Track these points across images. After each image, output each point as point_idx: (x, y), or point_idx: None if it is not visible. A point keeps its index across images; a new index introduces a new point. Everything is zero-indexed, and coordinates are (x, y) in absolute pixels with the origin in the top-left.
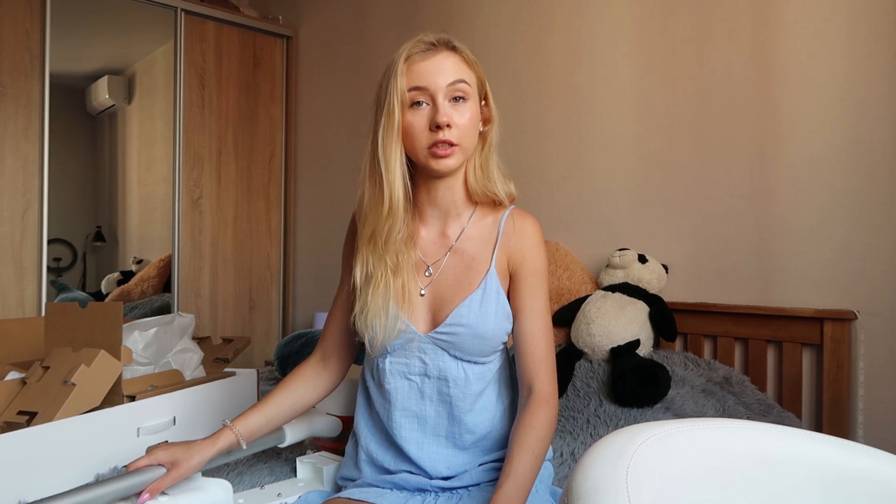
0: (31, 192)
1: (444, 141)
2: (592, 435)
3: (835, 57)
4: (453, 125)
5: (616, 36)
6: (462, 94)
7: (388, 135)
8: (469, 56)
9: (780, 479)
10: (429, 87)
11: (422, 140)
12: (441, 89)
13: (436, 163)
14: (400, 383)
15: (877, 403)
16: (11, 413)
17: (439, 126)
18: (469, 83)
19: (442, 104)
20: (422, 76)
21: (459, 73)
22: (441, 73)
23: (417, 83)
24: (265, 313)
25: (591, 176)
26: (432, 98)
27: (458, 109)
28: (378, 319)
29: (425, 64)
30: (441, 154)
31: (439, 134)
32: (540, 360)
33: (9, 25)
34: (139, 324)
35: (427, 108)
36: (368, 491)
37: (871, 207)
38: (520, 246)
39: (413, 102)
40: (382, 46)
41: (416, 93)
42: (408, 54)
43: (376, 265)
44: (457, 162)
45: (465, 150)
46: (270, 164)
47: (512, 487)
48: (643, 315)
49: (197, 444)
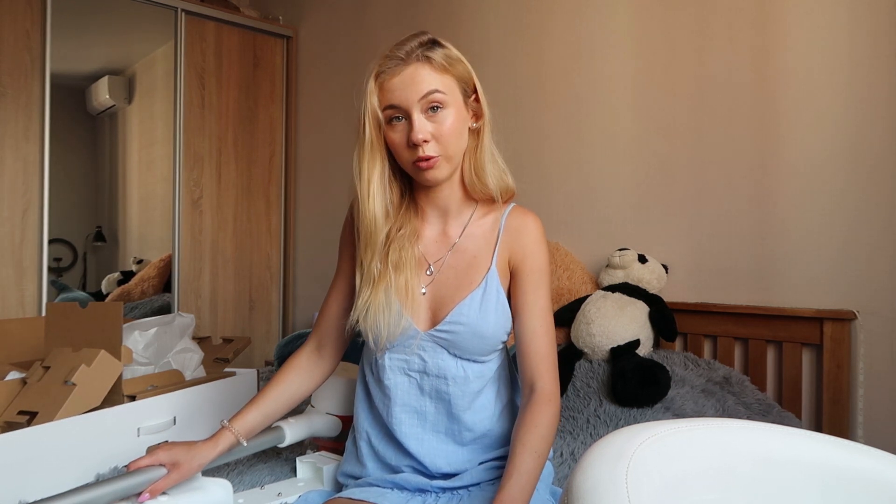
0: (32, 192)
1: (423, 157)
2: (592, 435)
3: (835, 58)
4: (431, 138)
5: (616, 36)
6: (437, 104)
7: (362, 153)
8: (445, 59)
9: (779, 479)
10: (401, 104)
11: (404, 156)
12: (413, 104)
13: (423, 175)
14: (399, 379)
15: (876, 403)
16: (12, 413)
17: (416, 144)
18: (444, 90)
19: (417, 119)
20: (393, 93)
21: (431, 84)
22: (412, 88)
23: (390, 101)
24: (265, 313)
25: (591, 176)
26: (407, 114)
27: (436, 119)
28: (381, 316)
29: (395, 81)
30: (424, 167)
31: (417, 151)
32: (542, 357)
33: (9, 25)
34: (139, 324)
35: (404, 123)
36: (369, 490)
37: (871, 207)
38: (521, 243)
39: (390, 119)
40: (382, 46)
41: (391, 110)
42: (377, 71)
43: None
44: (443, 172)
45: (451, 157)
46: (270, 164)
47: (515, 487)
48: (643, 315)
49: (198, 446)
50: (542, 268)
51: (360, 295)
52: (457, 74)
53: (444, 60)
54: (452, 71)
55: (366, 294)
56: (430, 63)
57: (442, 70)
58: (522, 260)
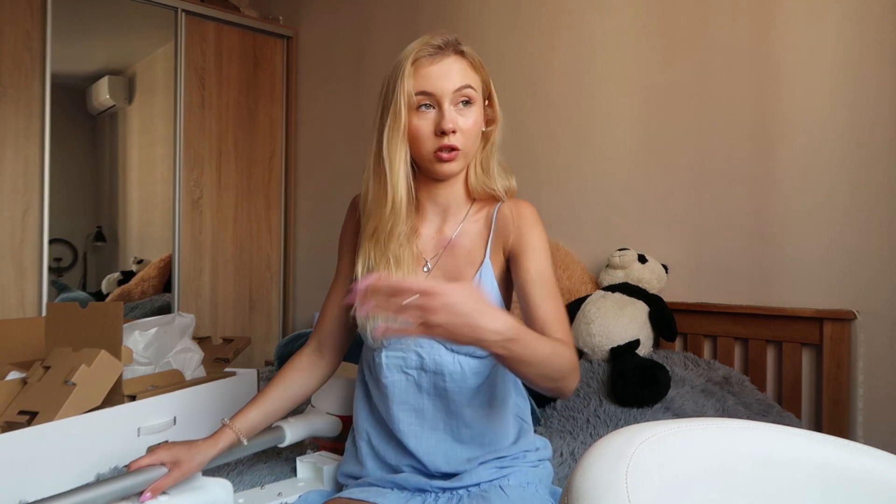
0: (32, 192)
1: (449, 146)
2: (592, 435)
3: (836, 58)
4: (458, 130)
5: (617, 36)
6: (468, 99)
7: (393, 136)
8: (475, 59)
9: (779, 479)
10: (435, 92)
11: (427, 144)
12: (448, 94)
13: (439, 167)
14: (397, 377)
15: (876, 403)
16: (12, 413)
17: (444, 132)
18: (475, 87)
19: (448, 110)
20: (429, 80)
21: (466, 79)
22: (448, 78)
23: (424, 87)
24: (265, 313)
25: (591, 176)
26: (438, 103)
27: (464, 114)
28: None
29: (433, 68)
30: (445, 158)
31: (444, 139)
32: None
33: (9, 25)
34: (139, 324)
35: (433, 112)
36: (369, 490)
37: (872, 208)
38: (513, 227)
39: (419, 106)
40: (383, 46)
41: (423, 97)
42: (415, 56)
43: (378, 259)
44: (459, 166)
45: (467, 155)
46: (270, 164)
47: (530, 335)
48: (643, 315)
49: (198, 445)
50: (538, 245)
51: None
52: (483, 77)
53: (478, 60)
54: (481, 72)
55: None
56: (466, 58)
57: (475, 68)
58: (517, 241)
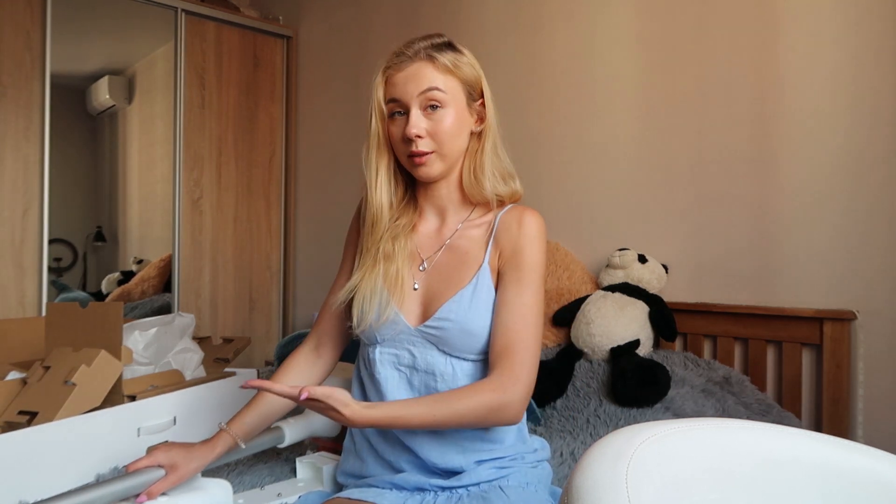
0: (32, 192)
1: (415, 153)
2: (592, 435)
3: (836, 58)
4: (426, 135)
5: (617, 36)
6: (436, 102)
7: (371, 146)
8: (447, 62)
9: (780, 479)
10: (402, 98)
11: (400, 150)
12: (413, 99)
13: (416, 171)
14: (390, 373)
15: (876, 403)
16: (12, 413)
17: (409, 139)
18: (444, 90)
19: (414, 115)
20: (396, 87)
21: (432, 81)
22: (412, 82)
23: (392, 94)
24: (265, 313)
25: (591, 176)
26: (406, 108)
27: (433, 117)
28: (366, 296)
29: (399, 75)
30: (417, 163)
31: (411, 146)
32: (503, 351)
33: (9, 25)
34: (139, 324)
35: (404, 117)
36: (368, 491)
37: (872, 208)
38: (510, 238)
39: (391, 113)
40: (382, 46)
41: (393, 104)
42: (385, 66)
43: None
44: (436, 169)
45: (446, 156)
46: (270, 164)
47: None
48: (643, 315)
49: (196, 449)
50: (531, 265)
51: (352, 277)
52: (462, 77)
53: (450, 62)
54: (457, 73)
55: (357, 276)
56: (433, 62)
57: (445, 70)
58: (511, 254)
